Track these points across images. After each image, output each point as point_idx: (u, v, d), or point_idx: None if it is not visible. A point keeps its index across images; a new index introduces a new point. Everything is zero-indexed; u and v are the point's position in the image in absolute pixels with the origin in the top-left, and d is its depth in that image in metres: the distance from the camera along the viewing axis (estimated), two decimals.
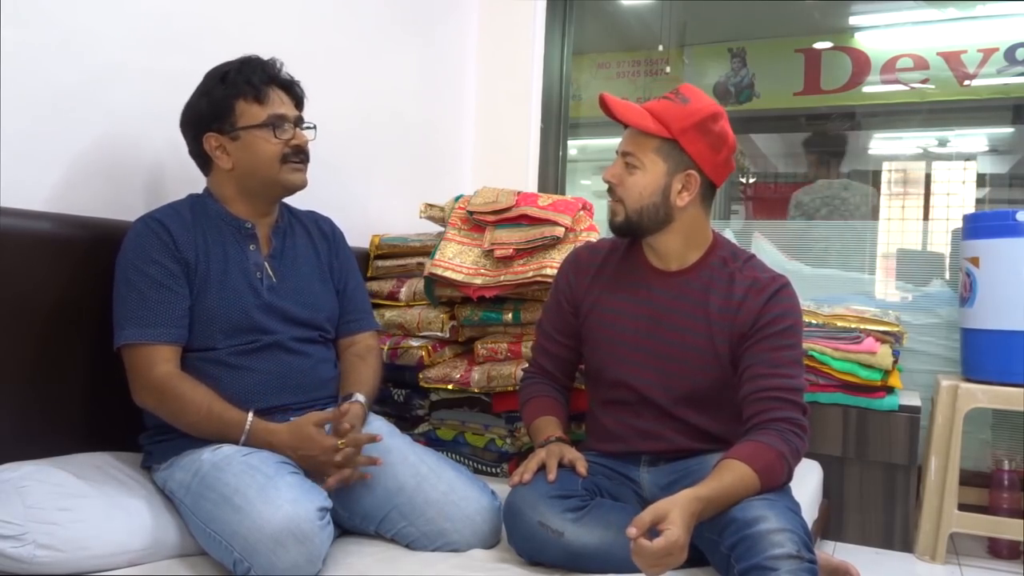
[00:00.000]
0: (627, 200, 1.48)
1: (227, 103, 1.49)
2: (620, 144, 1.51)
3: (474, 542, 1.45)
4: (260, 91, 1.50)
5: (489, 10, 3.05)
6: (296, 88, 1.58)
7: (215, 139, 1.51)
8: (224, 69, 1.51)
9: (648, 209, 1.47)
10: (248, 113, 1.50)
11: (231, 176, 1.53)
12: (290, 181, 1.55)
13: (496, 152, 3.05)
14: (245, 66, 1.51)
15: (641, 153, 1.46)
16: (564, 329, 1.64)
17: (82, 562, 1.21)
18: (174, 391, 1.39)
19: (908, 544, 2.35)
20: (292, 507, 1.23)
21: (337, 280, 1.68)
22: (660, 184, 1.46)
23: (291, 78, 1.58)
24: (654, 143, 1.46)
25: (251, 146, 1.51)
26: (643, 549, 1.12)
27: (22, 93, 1.44)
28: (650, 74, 4.58)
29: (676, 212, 1.48)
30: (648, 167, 1.46)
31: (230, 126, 1.50)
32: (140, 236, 1.44)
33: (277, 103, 1.52)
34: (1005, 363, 2.29)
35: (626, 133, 1.51)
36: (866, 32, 4.15)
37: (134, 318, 1.40)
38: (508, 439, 1.95)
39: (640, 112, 1.46)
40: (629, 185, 1.48)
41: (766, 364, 1.40)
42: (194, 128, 1.52)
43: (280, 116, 1.52)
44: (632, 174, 1.47)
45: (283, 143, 1.52)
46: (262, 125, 1.50)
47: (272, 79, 1.53)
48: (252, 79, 1.50)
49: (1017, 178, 4.28)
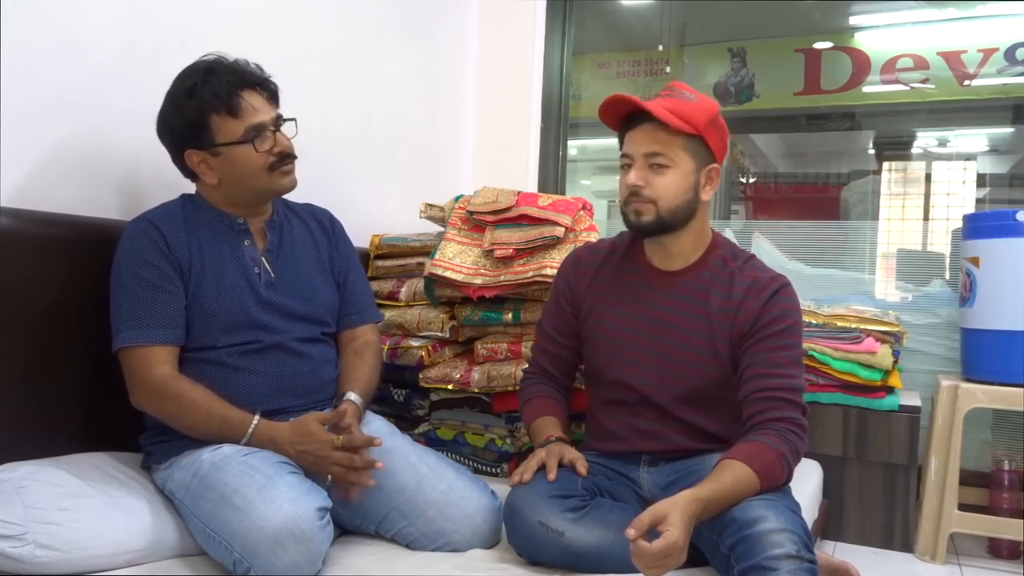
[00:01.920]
0: (661, 200, 1.45)
1: (200, 120, 1.43)
2: (632, 146, 1.47)
3: (474, 542, 1.45)
4: (231, 103, 1.43)
5: (489, 10, 3.05)
6: (269, 84, 1.51)
7: (196, 155, 1.47)
8: (191, 81, 1.43)
9: (682, 207, 1.47)
10: (224, 128, 1.44)
11: (219, 189, 1.51)
12: (280, 186, 1.53)
13: (496, 152, 3.05)
14: (211, 76, 1.43)
15: (671, 152, 1.44)
16: (564, 329, 1.64)
17: (82, 562, 1.21)
18: (173, 392, 1.39)
19: (908, 544, 2.35)
20: (292, 507, 1.22)
21: (337, 273, 1.67)
22: (691, 181, 1.46)
23: (261, 75, 1.50)
24: (682, 141, 1.44)
25: (234, 161, 1.46)
26: (642, 551, 1.12)
27: (21, 93, 1.44)
28: (650, 74, 4.58)
29: (699, 208, 1.49)
30: (680, 165, 1.45)
31: (208, 142, 1.45)
32: (133, 238, 1.44)
33: (251, 111, 1.45)
34: (1005, 363, 2.29)
35: (640, 134, 1.46)
36: (866, 32, 4.15)
37: (129, 321, 1.39)
38: (508, 439, 1.95)
39: (667, 112, 1.43)
40: (661, 185, 1.45)
41: (766, 364, 1.40)
42: (172, 143, 1.48)
43: (258, 126, 1.45)
44: (662, 174, 1.45)
45: (266, 154, 1.48)
46: (241, 141, 1.45)
47: (242, 83, 1.46)
48: (220, 91, 1.42)
49: (1017, 178, 4.28)
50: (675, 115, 1.42)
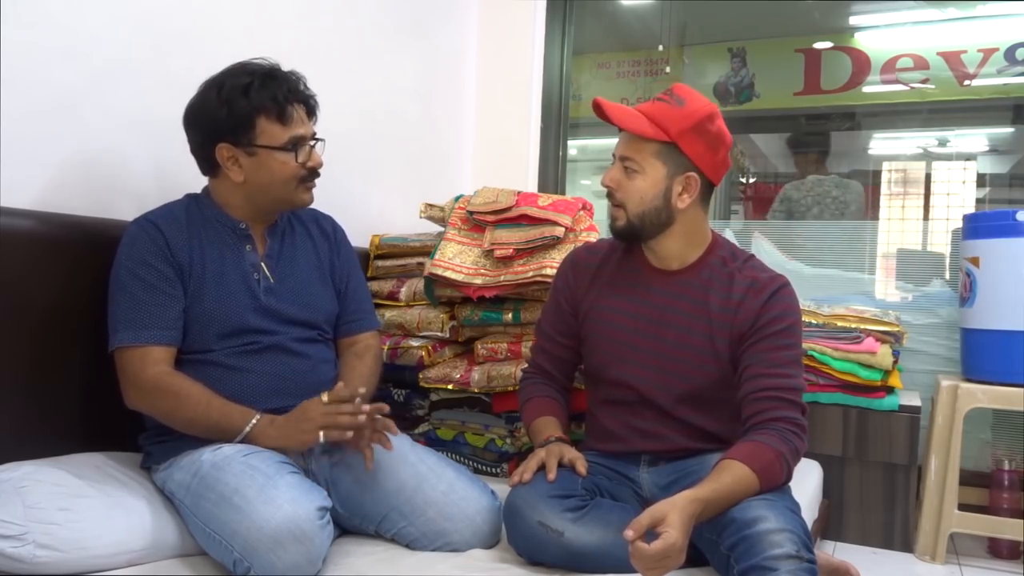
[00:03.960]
0: (628, 205, 1.48)
1: (249, 118, 1.45)
2: (617, 148, 1.50)
3: (474, 542, 1.45)
4: (284, 110, 1.46)
5: (489, 10, 3.05)
6: (312, 102, 1.55)
7: (228, 150, 1.47)
8: (246, 80, 1.45)
9: (650, 213, 1.47)
10: (269, 132, 1.46)
11: (240, 187, 1.51)
12: (302, 200, 1.55)
13: (496, 152, 3.05)
14: (270, 80, 1.47)
15: (640, 158, 1.45)
16: (563, 330, 1.64)
17: (82, 562, 1.21)
18: (169, 387, 1.38)
19: (908, 544, 2.35)
20: (292, 507, 1.22)
21: (338, 280, 1.68)
22: (661, 188, 1.46)
23: (309, 92, 1.54)
24: (653, 147, 1.45)
25: (267, 165, 1.48)
26: (640, 552, 1.12)
27: (22, 93, 1.44)
28: (650, 74, 4.58)
29: (677, 214, 1.48)
30: (648, 171, 1.45)
31: (248, 141, 1.46)
32: (134, 239, 1.44)
33: (298, 122, 1.49)
34: (1005, 363, 2.29)
35: (622, 137, 1.49)
36: (866, 32, 4.15)
37: (127, 321, 1.39)
38: (508, 439, 1.95)
39: (637, 117, 1.45)
40: (629, 190, 1.47)
41: (765, 364, 1.40)
42: (205, 134, 1.49)
43: (300, 137, 1.49)
44: (632, 179, 1.47)
45: (301, 166, 1.50)
46: (283, 148, 1.48)
47: (295, 95, 1.50)
48: (277, 96, 1.46)
49: (1017, 178, 4.29)
50: (649, 121, 1.43)
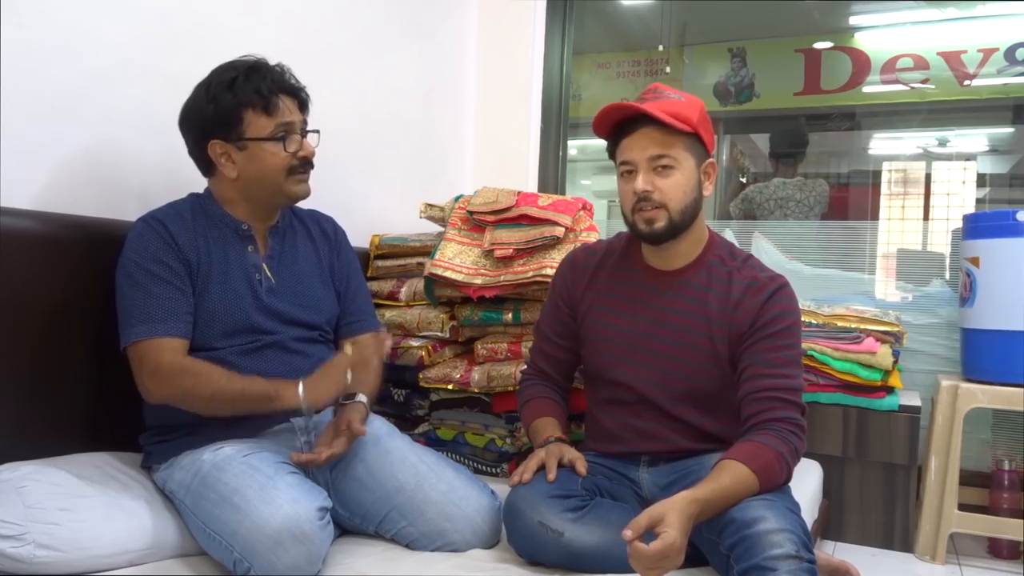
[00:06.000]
0: (671, 203, 1.44)
1: (235, 112, 1.46)
2: (634, 152, 1.45)
3: (474, 542, 1.45)
4: (269, 101, 1.47)
5: (489, 10, 3.05)
6: (302, 94, 1.56)
7: (220, 146, 1.48)
8: (231, 75, 1.47)
9: (690, 207, 1.47)
10: (256, 124, 1.47)
11: (235, 183, 1.52)
12: (295, 192, 1.54)
13: (496, 152, 3.05)
14: (253, 73, 1.47)
15: (674, 152, 1.44)
16: (562, 331, 1.63)
17: (82, 562, 1.21)
18: (189, 367, 1.39)
19: (908, 544, 2.35)
20: (292, 507, 1.23)
21: (338, 281, 1.68)
22: (695, 179, 1.47)
23: (298, 83, 1.55)
24: (682, 140, 1.44)
25: (258, 157, 1.49)
26: (639, 552, 1.12)
27: (22, 93, 1.44)
28: (650, 74, 4.58)
29: (702, 204, 1.50)
30: (684, 164, 1.45)
31: (237, 135, 1.47)
32: (143, 236, 1.44)
33: (285, 112, 1.49)
34: (1005, 363, 2.29)
35: (640, 139, 1.44)
36: (866, 32, 4.16)
37: (142, 315, 1.39)
38: (508, 439, 1.95)
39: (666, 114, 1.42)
40: (670, 188, 1.44)
41: (765, 364, 1.40)
42: (197, 133, 1.50)
43: (288, 125, 1.50)
44: (668, 176, 1.44)
45: (291, 155, 1.51)
46: (270, 138, 1.48)
47: (281, 87, 1.50)
48: (261, 88, 1.46)
49: (1017, 178, 4.29)
50: (672, 115, 1.42)
